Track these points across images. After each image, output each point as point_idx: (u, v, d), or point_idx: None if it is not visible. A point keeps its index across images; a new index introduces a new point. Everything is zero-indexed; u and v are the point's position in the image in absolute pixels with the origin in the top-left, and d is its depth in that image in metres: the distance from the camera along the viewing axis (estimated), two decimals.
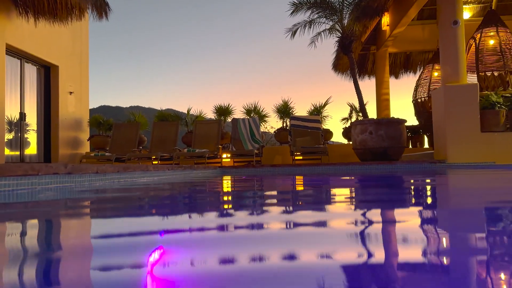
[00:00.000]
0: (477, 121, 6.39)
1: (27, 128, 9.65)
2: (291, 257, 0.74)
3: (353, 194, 2.39)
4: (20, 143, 9.03)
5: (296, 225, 1.19)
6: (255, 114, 10.43)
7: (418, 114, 8.99)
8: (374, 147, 6.62)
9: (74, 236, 1.09)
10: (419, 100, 8.93)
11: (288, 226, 1.17)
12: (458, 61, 6.55)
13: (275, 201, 2.11)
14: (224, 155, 8.92)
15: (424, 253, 0.77)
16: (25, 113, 9.27)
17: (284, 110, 10.30)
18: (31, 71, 9.61)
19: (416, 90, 9.10)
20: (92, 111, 12.03)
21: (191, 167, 4.70)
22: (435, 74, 8.85)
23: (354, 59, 8.21)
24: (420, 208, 1.69)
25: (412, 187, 2.96)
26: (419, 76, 9.40)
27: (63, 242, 0.99)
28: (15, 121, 8.95)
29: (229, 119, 10.12)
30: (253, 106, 10.65)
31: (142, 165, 3.17)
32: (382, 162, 6.26)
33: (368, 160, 6.78)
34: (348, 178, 4.21)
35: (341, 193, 2.48)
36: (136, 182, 3.03)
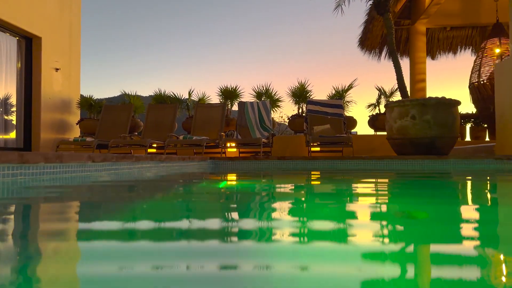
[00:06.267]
0: None
1: (11, 110, 8.46)
2: None
3: None
4: None
5: None
6: (267, 98, 8.93)
7: (475, 101, 7.24)
8: (417, 136, 4.99)
9: None
10: (476, 84, 7.17)
11: None
12: None
13: None
14: (228, 144, 7.46)
15: None
16: None
17: (300, 94, 8.73)
18: (9, 43, 8.33)
19: (472, 72, 7.34)
20: (112, 99, 10.62)
21: (153, 157, 3.20)
22: (497, 51, 7.07)
23: (391, 21, 6.48)
24: None
25: None
26: (477, 55, 7.64)
27: None
28: None
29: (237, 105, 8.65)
30: (264, 88, 9.14)
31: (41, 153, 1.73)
32: (428, 156, 4.64)
33: (408, 153, 5.17)
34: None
35: None
36: None
